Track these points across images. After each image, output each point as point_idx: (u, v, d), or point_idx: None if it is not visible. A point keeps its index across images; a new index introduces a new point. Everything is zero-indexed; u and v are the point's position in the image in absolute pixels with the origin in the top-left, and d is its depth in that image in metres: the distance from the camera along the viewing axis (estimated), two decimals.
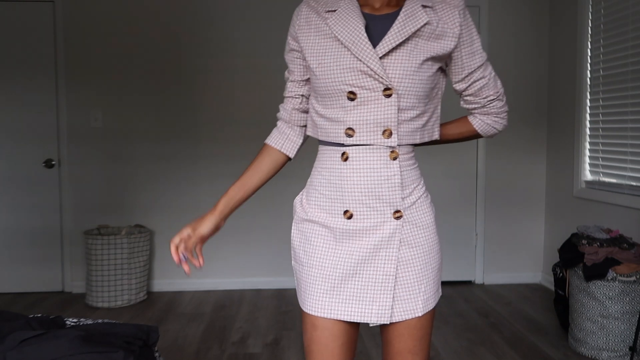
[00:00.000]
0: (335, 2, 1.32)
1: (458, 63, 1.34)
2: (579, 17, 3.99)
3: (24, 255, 4.27)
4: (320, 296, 1.32)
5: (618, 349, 2.94)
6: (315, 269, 1.34)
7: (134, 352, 1.73)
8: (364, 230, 1.30)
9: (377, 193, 1.29)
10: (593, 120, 3.88)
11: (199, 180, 4.35)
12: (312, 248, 1.35)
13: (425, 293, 1.33)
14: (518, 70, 4.47)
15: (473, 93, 1.39)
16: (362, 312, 1.31)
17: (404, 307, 1.32)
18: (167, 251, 4.38)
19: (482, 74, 1.37)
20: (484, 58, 1.36)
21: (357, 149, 1.29)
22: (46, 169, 4.25)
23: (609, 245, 3.01)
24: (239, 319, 3.68)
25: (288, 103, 1.44)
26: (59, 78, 4.22)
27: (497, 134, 1.48)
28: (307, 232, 1.37)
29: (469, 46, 1.33)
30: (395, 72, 1.25)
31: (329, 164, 1.33)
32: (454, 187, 4.50)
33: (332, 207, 1.33)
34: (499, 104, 1.41)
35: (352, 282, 1.31)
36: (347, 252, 1.31)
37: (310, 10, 1.34)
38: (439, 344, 3.24)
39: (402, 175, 1.31)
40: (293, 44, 1.38)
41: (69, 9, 4.21)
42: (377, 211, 1.30)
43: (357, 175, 1.29)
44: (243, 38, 4.30)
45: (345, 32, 1.26)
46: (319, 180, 1.36)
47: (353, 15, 1.27)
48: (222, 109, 4.33)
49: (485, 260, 4.55)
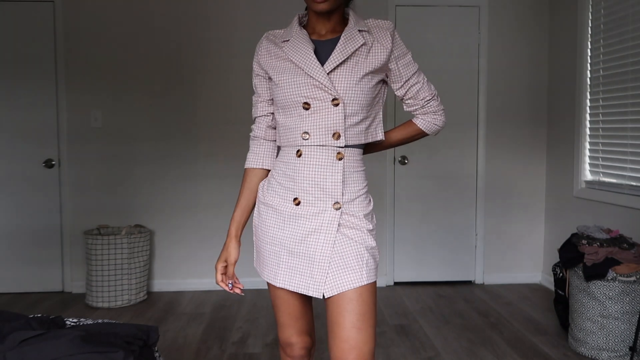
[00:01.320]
0: (288, 34, 1.61)
1: (396, 73, 1.62)
2: (579, 17, 3.99)
3: (24, 255, 4.27)
4: (272, 268, 1.62)
5: (618, 349, 2.94)
6: (268, 245, 1.63)
7: (134, 352, 1.73)
8: (308, 215, 1.55)
9: (321, 185, 1.54)
10: (593, 120, 3.88)
11: (198, 180, 4.35)
12: (266, 227, 1.64)
13: (368, 265, 1.53)
14: (518, 71, 4.47)
15: (412, 96, 1.66)
16: (303, 284, 1.55)
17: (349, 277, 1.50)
18: (167, 251, 4.38)
19: (417, 80, 1.65)
20: (416, 67, 1.65)
21: (310, 148, 1.55)
22: (46, 169, 4.25)
23: (609, 245, 3.01)
24: (239, 319, 3.68)
25: (262, 122, 1.70)
26: (59, 78, 4.22)
27: (440, 131, 1.74)
28: (262, 213, 1.66)
29: (403, 59, 1.61)
30: (341, 84, 1.52)
31: (287, 159, 1.60)
32: (454, 187, 4.50)
33: (285, 194, 1.59)
34: (435, 103, 1.68)
35: (296, 257, 1.57)
36: (291, 231, 1.57)
37: (269, 43, 1.64)
38: (439, 344, 3.24)
39: (344, 174, 1.55)
40: (258, 70, 1.67)
41: (69, 9, 4.21)
42: (321, 200, 1.55)
43: (307, 170, 1.55)
44: (242, 38, 4.30)
45: (297, 55, 1.55)
46: (277, 171, 1.63)
47: (303, 42, 1.56)
48: (221, 109, 4.33)
49: (485, 260, 4.55)
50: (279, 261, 1.60)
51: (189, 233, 4.37)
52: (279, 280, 1.60)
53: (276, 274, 1.60)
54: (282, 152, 1.63)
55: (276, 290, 1.65)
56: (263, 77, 1.68)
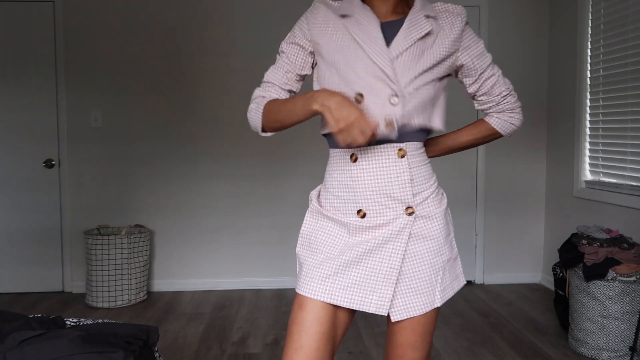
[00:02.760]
0: (346, 8, 1.35)
1: (470, 66, 1.40)
2: (579, 17, 3.99)
3: (24, 255, 4.27)
4: (319, 280, 1.33)
5: (618, 349, 2.94)
6: (321, 254, 1.35)
7: (134, 352, 1.73)
8: (377, 226, 1.33)
9: (387, 191, 1.32)
10: (593, 120, 3.88)
11: (198, 180, 4.35)
12: (325, 237, 1.37)
13: (442, 283, 1.37)
14: (518, 70, 4.47)
15: (486, 92, 1.44)
16: (361, 300, 1.32)
17: (420, 301, 1.34)
18: (167, 251, 4.38)
19: (491, 73, 1.43)
20: (490, 59, 1.43)
21: (365, 150, 1.32)
22: (46, 169, 4.25)
23: (609, 245, 3.01)
24: (239, 319, 3.68)
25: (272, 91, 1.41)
26: (59, 78, 4.22)
27: (516, 131, 1.51)
28: (322, 224, 1.39)
29: (476, 48, 1.39)
30: (402, 75, 1.29)
31: (340, 166, 1.37)
32: (454, 187, 4.50)
33: (345, 207, 1.36)
34: (512, 100, 1.47)
35: (356, 269, 1.33)
36: (356, 242, 1.33)
37: (328, 10, 1.37)
38: (439, 344, 3.24)
39: (411, 172, 1.33)
40: (301, 39, 1.39)
41: (69, 9, 4.21)
42: (390, 208, 1.32)
43: (367, 175, 1.32)
44: (242, 38, 4.30)
45: (363, 34, 1.30)
46: (331, 182, 1.39)
47: (369, 19, 1.32)
48: (221, 108, 4.33)
49: (485, 260, 4.55)
50: (335, 272, 1.33)
51: (189, 233, 4.37)
52: (331, 296, 1.31)
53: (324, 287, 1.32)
54: (333, 158, 1.39)
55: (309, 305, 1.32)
56: (304, 49, 1.40)
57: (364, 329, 3.45)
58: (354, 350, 3.12)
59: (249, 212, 4.34)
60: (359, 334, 3.36)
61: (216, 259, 4.37)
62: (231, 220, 4.35)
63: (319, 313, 1.31)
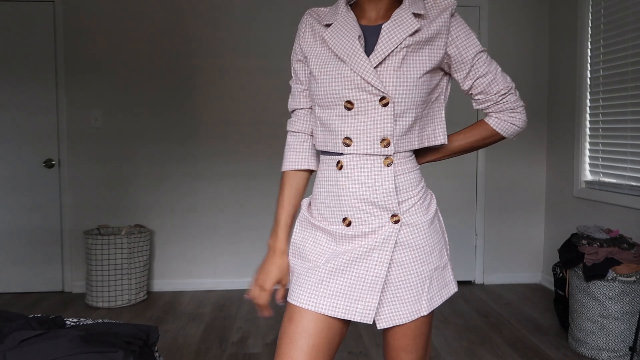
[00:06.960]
0: (333, 16, 1.34)
1: (457, 58, 1.32)
2: (579, 17, 3.99)
3: (24, 255, 4.27)
4: (305, 288, 1.32)
5: (618, 349, 2.94)
6: (308, 262, 1.35)
7: (134, 352, 1.73)
8: (362, 235, 1.31)
9: (372, 199, 1.29)
10: (593, 120, 3.88)
11: (199, 180, 4.35)
12: (313, 245, 1.37)
13: (429, 292, 1.33)
14: (518, 70, 4.47)
15: (483, 90, 1.36)
16: (346, 308, 1.30)
17: (406, 309, 1.32)
18: (167, 251, 4.38)
19: (487, 69, 1.34)
20: (485, 53, 1.35)
21: (352, 158, 1.30)
22: (46, 169, 4.25)
23: (609, 245, 3.01)
24: (239, 319, 3.68)
25: (302, 115, 1.43)
26: (59, 78, 4.22)
27: (519, 132, 1.40)
28: (311, 232, 1.39)
29: (464, 40, 1.31)
30: (390, 80, 1.26)
31: (327, 173, 1.35)
32: (454, 188, 4.50)
33: (331, 215, 1.35)
34: (513, 98, 1.37)
35: (341, 277, 1.31)
36: (342, 250, 1.32)
37: (313, 21, 1.38)
38: (439, 344, 3.24)
39: (396, 180, 1.30)
40: (299, 54, 1.41)
41: (69, 9, 4.21)
42: (375, 216, 1.30)
43: (351, 183, 1.30)
44: (243, 38, 4.30)
45: (340, 44, 1.29)
46: (319, 189, 1.38)
47: (347, 28, 1.30)
48: (222, 109, 4.33)
49: (485, 260, 4.55)
50: (320, 280, 1.32)
51: (189, 233, 4.37)
52: (316, 304, 1.30)
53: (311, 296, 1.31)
54: (322, 165, 1.38)
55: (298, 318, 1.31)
56: (304, 63, 1.40)
57: (364, 329, 3.45)
58: (354, 350, 3.12)
59: (249, 212, 4.34)
60: (359, 334, 3.36)
61: (216, 259, 4.37)
62: (231, 220, 4.35)
63: (308, 325, 1.30)
